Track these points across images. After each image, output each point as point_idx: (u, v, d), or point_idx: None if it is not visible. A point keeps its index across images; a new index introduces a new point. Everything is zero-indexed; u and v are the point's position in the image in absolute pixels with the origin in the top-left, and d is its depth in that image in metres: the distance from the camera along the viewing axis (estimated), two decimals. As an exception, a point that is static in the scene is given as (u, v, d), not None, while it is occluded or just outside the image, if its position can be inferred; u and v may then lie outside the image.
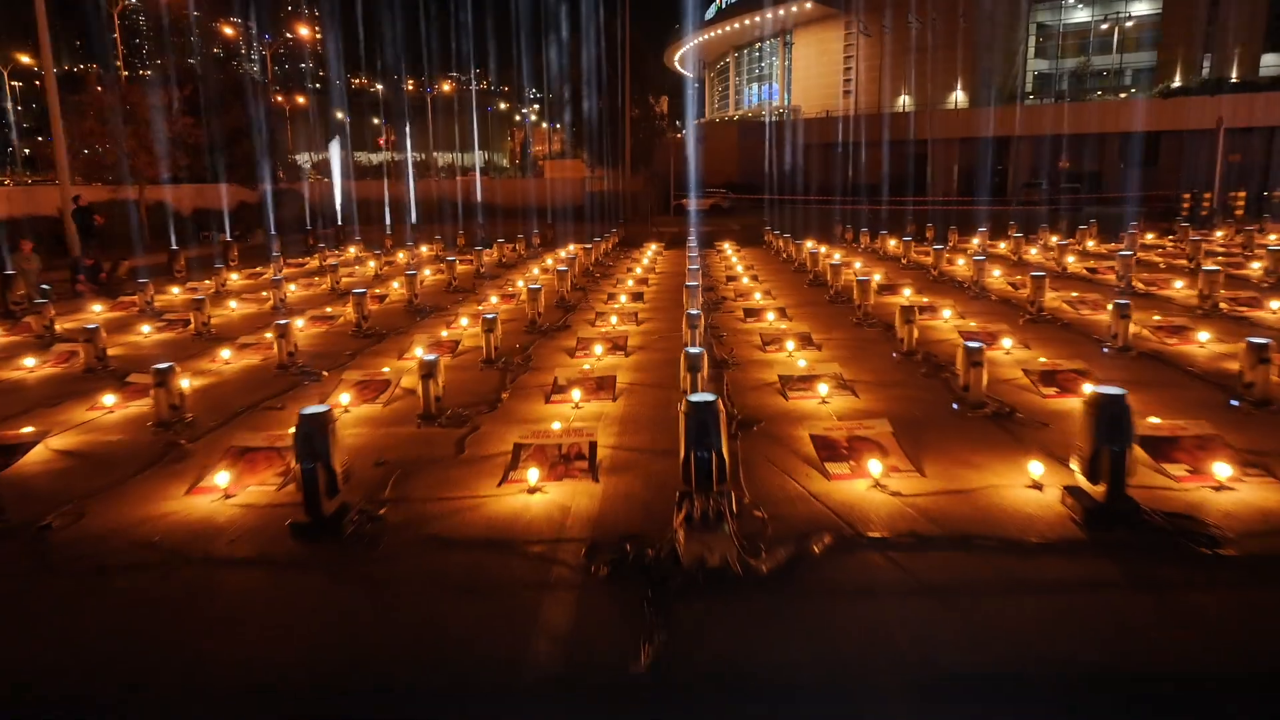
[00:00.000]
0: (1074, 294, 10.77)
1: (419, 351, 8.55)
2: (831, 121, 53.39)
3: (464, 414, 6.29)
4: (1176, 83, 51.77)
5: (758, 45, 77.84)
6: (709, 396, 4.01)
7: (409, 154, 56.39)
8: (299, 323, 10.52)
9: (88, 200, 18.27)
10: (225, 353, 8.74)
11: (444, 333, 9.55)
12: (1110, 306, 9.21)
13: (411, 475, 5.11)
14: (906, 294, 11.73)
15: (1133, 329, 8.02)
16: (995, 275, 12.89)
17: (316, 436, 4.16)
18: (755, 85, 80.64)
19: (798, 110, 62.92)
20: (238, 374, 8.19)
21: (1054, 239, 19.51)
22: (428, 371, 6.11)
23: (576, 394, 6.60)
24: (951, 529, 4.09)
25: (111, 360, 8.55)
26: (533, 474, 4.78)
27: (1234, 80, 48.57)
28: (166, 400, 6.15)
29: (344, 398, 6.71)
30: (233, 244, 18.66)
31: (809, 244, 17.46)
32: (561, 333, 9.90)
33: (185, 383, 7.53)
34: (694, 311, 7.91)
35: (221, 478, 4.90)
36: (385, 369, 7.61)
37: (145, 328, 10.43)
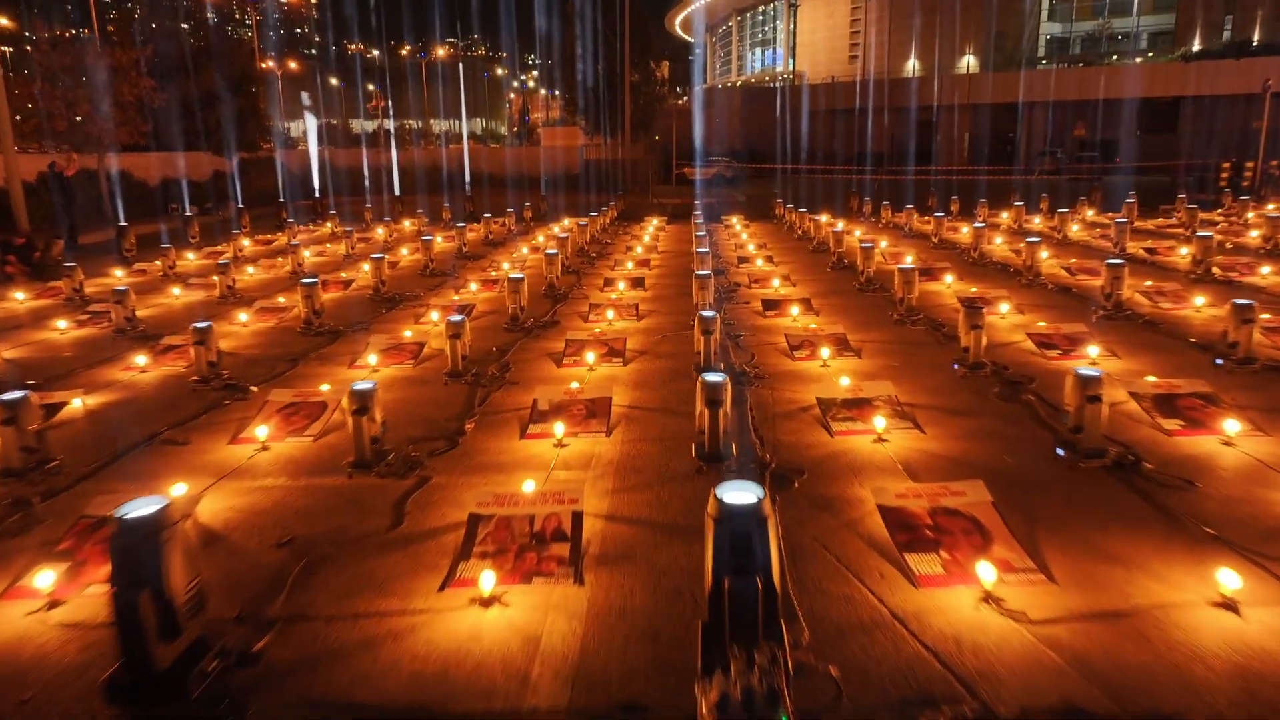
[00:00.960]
0: (1148, 283, 9.23)
1: (372, 359, 7.07)
2: (838, 87, 51.39)
3: (412, 457, 4.81)
4: (1197, 46, 49.75)
5: (761, 9, 75.28)
6: (750, 494, 2.53)
7: (392, 120, 54.10)
8: (243, 316, 9.02)
9: (61, 168, 16.84)
10: (141, 359, 7.23)
11: (407, 332, 8.03)
12: (1200, 301, 7.75)
13: (323, 565, 3.64)
14: (949, 281, 10.20)
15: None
16: (1043, 257, 11.33)
17: (143, 551, 2.67)
18: (759, 50, 78.16)
19: (802, 76, 60.74)
20: (151, 387, 6.69)
21: (1090, 212, 17.99)
22: (361, 405, 4.61)
23: (560, 428, 5.11)
24: (1129, 698, 2.61)
25: (3, 367, 7.07)
26: (487, 579, 3.30)
27: (1255, 43, 46.52)
28: (17, 440, 4.65)
29: (261, 430, 5.22)
30: (193, 219, 17.00)
31: (825, 218, 15.93)
32: (548, 330, 8.38)
33: (77, 401, 6.10)
34: (708, 313, 6.39)
35: (44, 578, 3.43)
36: (324, 386, 6.11)
37: (62, 323, 8.90)
